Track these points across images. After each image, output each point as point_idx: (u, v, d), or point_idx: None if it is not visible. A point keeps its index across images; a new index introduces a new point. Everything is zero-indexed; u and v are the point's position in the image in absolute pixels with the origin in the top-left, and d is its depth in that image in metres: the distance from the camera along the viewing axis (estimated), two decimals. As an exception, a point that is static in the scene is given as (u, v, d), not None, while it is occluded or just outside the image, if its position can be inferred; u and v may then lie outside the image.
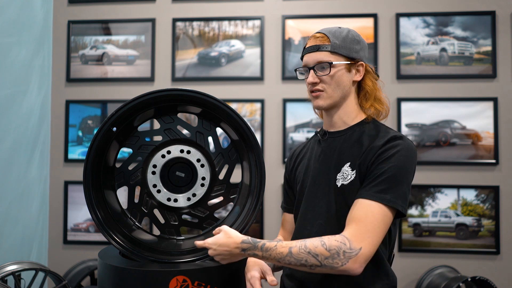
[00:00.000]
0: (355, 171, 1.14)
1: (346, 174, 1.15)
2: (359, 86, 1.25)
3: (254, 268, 1.20)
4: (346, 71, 1.20)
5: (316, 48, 1.20)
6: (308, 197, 1.23)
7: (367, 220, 1.04)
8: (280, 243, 1.07)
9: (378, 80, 1.26)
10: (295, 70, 1.29)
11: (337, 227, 1.14)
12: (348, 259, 1.01)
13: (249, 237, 1.12)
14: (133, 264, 1.20)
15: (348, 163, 1.16)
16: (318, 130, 1.32)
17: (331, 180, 1.18)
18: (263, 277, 1.19)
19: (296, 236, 1.25)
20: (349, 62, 1.20)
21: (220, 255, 1.13)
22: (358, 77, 1.22)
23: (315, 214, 1.19)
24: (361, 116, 1.24)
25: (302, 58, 1.26)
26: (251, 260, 1.23)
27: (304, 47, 1.25)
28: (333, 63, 1.18)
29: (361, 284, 1.13)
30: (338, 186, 1.16)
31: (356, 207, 1.07)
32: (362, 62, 1.22)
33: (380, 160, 1.10)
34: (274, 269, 1.28)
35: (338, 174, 1.17)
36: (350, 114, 1.23)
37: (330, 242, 1.03)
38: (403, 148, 1.10)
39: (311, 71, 1.21)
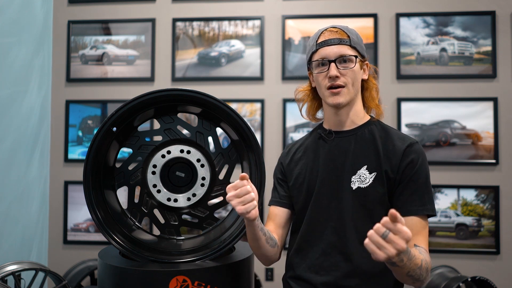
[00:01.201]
0: (373, 174, 1.13)
1: (364, 177, 1.14)
2: (361, 85, 1.24)
3: None
4: (360, 68, 1.19)
5: (338, 41, 1.15)
6: (317, 199, 1.20)
7: (426, 237, 1.10)
8: (414, 253, 0.96)
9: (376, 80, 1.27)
10: (310, 62, 1.20)
11: (354, 230, 1.13)
12: (428, 277, 1.05)
13: None
14: (133, 264, 1.20)
15: (365, 166, 1.15)
16: (317, 128, 1.30)
17: (344, 182, 1.16)
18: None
19: (305, 238, 1.21)
20: (362, 60, 1.20)
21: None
22: (365, 76, 1.22)
23: (327, 217, 1.17)
24: (367, 116, 1.23)
25: (313, 53, 1.20)
26: None
27: (317, 42, 1.18)
28: (357, 57, 1.16)
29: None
30: (354, 188, 1.14)
31: (414, 222, 1.09)
32: (367, 62, 1.23)
33: (412, 172, 1.11)
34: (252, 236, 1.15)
35: (353, 177, 1.15)
36: (358, 114, 1.21)
37: (430, 260, 1.05)
38: (423, 156, 1.14)
39: (332, 64, 1.15)
